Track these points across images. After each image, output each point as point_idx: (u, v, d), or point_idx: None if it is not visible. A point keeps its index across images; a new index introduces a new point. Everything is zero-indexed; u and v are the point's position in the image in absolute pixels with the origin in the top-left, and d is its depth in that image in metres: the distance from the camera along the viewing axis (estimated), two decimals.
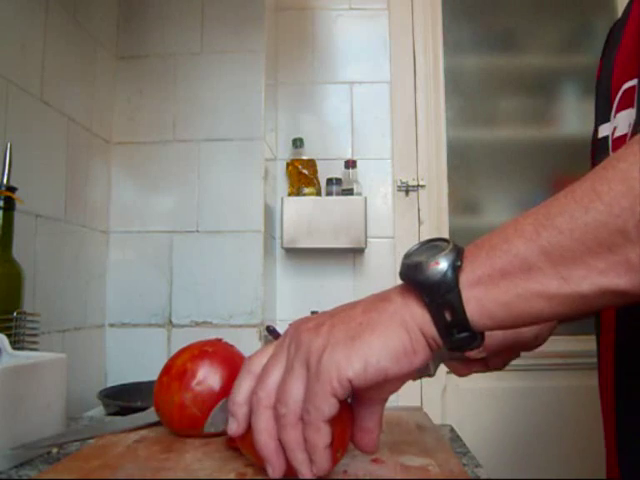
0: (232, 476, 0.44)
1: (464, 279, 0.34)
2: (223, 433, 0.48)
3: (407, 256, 0.38)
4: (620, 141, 0.56)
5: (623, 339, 0.55)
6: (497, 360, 0.57)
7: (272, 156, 1.36)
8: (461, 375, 0.57)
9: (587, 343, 0.89)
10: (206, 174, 1.20)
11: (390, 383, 0.37)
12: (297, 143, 1.39)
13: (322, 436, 0.35)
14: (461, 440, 0.61)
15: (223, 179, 1.20)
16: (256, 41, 1.22)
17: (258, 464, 0.40)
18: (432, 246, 0.37)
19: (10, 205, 0.67)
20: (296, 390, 0.35)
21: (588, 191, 0.33)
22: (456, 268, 0.34)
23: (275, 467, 0.37)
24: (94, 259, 1.13)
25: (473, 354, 0.54)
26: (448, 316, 0.34)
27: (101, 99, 1.16)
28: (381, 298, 0.38)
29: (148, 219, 1.21)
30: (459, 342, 0.35)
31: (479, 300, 0.34)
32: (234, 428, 0.39)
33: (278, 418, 0.36)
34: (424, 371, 0.47)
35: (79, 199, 1.06)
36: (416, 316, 0.35)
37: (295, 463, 0.36)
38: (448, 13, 1.51)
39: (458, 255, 0.35)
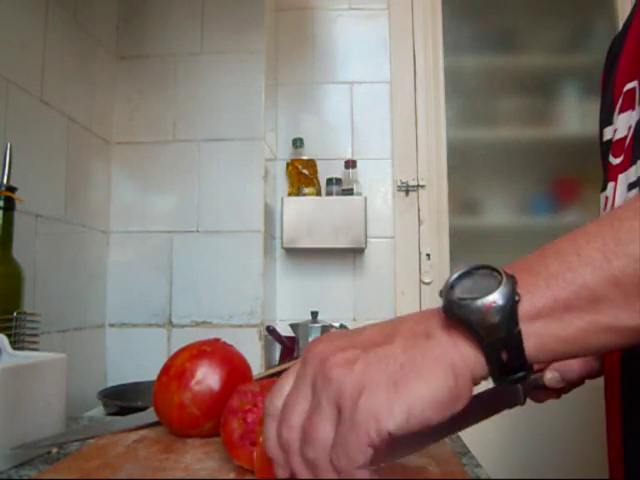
0: (232, 476, 0.44)
1: (522, 313, 0.31)
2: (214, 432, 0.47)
3: (449, 288, 0.33)
4: (619, 144, 0.55)
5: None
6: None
7: (272, 156, 1.36)
8: (539, 401, 0.54)
9: None
10: (206, 174, 1.20)
11: None
12: (297, 143, 1.39)
13: (360, 474, 0.31)
14: (461, 440, 0.60)
15: (223, 179, 1.20)
16: (256, 41, 1.22)
17: None
18: (479, 276, 0.33)
19: (10, 205, 0.67)
20: (323, 432, 0.31)
21: None
22: (515, 304, 0.31)
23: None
24: (94, 259, 1.13)
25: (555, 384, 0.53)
26: (504, 356, 0.31)
27: (101, 99, 1.16)
28: (423, 334, 0.33)
29: (148, 219, 1.21)
30: (513, 381, 0.32)
31: (539, 335, 0.31)
32: (280, 473, 0.35)
33: (307, 461, 0.32)
34: (515, 402, 0.43)
35: (79, 199, 1.06)
36: (467, 358, 0.31)
37: None
38: (448, 13, 1.51)
39: (514, 288, 0.31)
